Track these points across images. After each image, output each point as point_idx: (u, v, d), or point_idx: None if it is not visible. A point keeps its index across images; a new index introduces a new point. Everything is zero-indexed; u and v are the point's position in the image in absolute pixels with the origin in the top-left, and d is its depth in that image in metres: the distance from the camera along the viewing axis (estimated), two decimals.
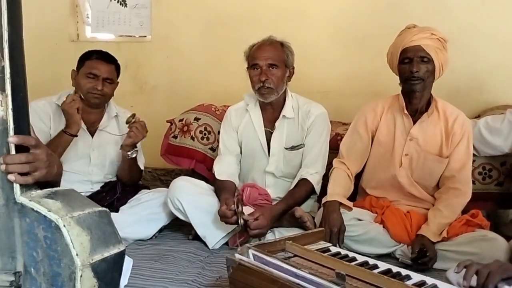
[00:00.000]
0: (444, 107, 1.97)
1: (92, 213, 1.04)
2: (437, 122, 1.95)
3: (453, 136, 1.92)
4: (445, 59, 1.89)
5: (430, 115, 1.93)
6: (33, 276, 1.01)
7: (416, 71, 1.85)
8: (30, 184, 1.03)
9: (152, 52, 3.06)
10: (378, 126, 2.02)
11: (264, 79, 2.01)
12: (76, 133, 2.02)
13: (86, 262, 0.97)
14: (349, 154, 2.06)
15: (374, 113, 2.04)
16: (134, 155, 2.12)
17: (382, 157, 2.02)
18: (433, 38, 1.87)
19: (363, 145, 2.05)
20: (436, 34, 1.88)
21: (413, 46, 1.87)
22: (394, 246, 1.89)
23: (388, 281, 1.15)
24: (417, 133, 1.95)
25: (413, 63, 1.86)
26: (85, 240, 0.98)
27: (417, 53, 1.86)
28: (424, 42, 1.86)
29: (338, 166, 2.04)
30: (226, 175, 2.09)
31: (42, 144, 1.08)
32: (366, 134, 2.04)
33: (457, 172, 1.91)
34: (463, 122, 1.94)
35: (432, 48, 1.86)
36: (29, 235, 1.00)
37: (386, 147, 2.01)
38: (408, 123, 1.97)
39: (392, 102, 2.03)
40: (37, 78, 2.58)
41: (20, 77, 1.00)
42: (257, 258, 1.30)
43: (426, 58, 1.86)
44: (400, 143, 1.97)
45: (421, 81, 1.87)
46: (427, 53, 1.85)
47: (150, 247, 2.00)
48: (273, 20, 2.78)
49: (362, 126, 2.05)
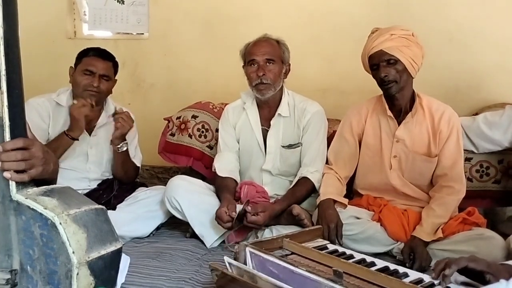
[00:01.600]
0: (429, 103, 1.93)
1: (89, 210, 1.04)
2: (423, 120, 1.92)
3: (440, 133, 1.90)
4: (413, 53, 1.85)
5: (414, 114, 1.91)
6: (29, 274, 1.01)
7: (385, 76, 1.84)
8: (26, 181, 1.02)
9: (149, 49, 3.05)
10: (364, 129, 2.01)
11: (261, 74, 2.01)
12: (77, 137, 2.02)
13: (83, 260, 0.97)
14: (337, 159, 2.06)
15: (359, 116, 2.03)
16: (124, 148, 2.12)
17: (371, 160, 2.01)
18: (393, 39, 1.84)
19: (351, 150, 2.04)
20: (396, 33, 1.85)
21: (375, 52, 1.86)
22: (391, 244, 1.88)
23: (386, 279, 1.15)
24: (403, 134, 1.93)
25: (380, 69, 1.85)
26: (81, 238, 0.98)
27: (381, 58, 1.84)
28: (385, 45, 1.84)
29: (327, 172, 2.05)
30: (226, 171, 2.09)
31: (38, 141, 1.08)
32: (352, 139, 2.04)
33: (449, 169, 1.89)
34: (450, 117, 1.91)
35: (395, 48, 1.83)
36: (25, 233, 1.00)
37: (374, 150, 2.00)
38: (393, 124, 1.95)
39: (376, 104, 2.02)
40: (34, 75, 2.59)
41: (15, 73, 1.00)
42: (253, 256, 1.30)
43: (392, 59, 1.83)
44: (387, 145, 1.96)
45: (394, 83, 1.85)
46: (390, 55, 1.83)
47: (147, 245, 2.00)
48: (270, 18, 2.77)
49: (347, 130, 2.05)
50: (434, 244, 1.80)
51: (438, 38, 2.47)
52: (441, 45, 2.49)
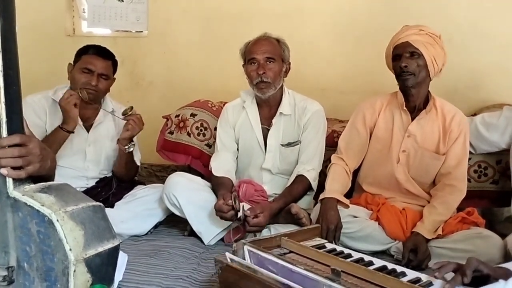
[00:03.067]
0: (442, 105, 1.98)
1: (86, 207, 1.04)
2: (435, 119, 1.96)
3: (450, 134, 1.94)
4: (437, 53, 1.89)
5: (428, 112, 1.94)
6: (26, 271, 1.00)
7: (405, 66, 1.87)
8: (23, 178, 1.02)
9: (148, 47, 3.04)
10: (376, 122, 2.03)
11: (262, 73, 2.01)
12: (72, 130, 2.00)
13: (80, 257, 0.97)
14: (347, 149, 2.06)
15: (372, 110, 2.05)
16: (131, 149, 2.11)
17: (380, 153, 2.02)
18: (421, 34, 1.89)
19: (361, 141, 2.05)
20: (424, 30, 1.90)
21: (401, 43, 1.90)
22: (389, 243, 1.89)
23: (384, 278, 1.15)
24: (415, 129, 1.96)
25: (402, 59, 1.89)
26: (78, 235, 0.98)
27: (405, 49, 1.88)
28: (412, 38, 1.88)
29: (336, 162, 2.04)
30: (223, 171, 2.08)
31: (35, 138, 1.07)
32: (364, 130, 2.05)
33: (453, 169, 1.92)
34: (460, 120, 1.96)
35: (421, 43, 1.87)
36: (22, 230, 1.00)
37: (384, 143, 2.01)
38: (406, 119, 1.98)
39: (391, 99, 2.04)
40: (33, 72, 2.58)
41: (13, 70, 0.99)
42: (252, 254, 1.30)
43: (415, 53, 1.87)
44: (398, 139, 1.98)
45: (412, 76, 1.88)
46: (415, 48, 1.87)
47: (145, 242, 2.00)
48: (270, 17, 2.77)
49: (360, 122, 2.06)
50: (433, 241, 1.81)
51: None
52: None
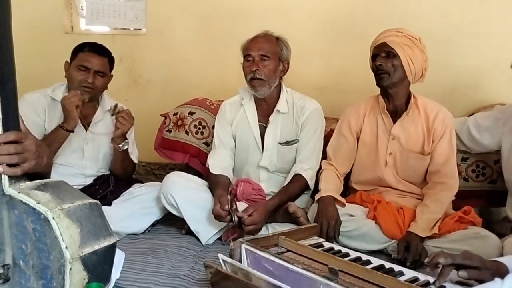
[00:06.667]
0: (425, 104, 2.00)
1: (83, 205, 1.03)
2: (418, 119, 1.98)
3: (434, 132, 1.96)
4: (414, 54, 1.90)
5: (409, 113, 1.96)
6: (22, 269, 1.00)
7: (379, 64, 1.90)
8: (19, 175, 1.01)
9: (147, 45, 3.03)
10: (362, 127, 2.07)
11: (254, 69, 2.01)
12: (72, 129, 2.00)
13: (76, 255, 0.96)
14: (336, 155, 2.10)
15: (357, 115, 2.08)
16: (125, 147, 2.11)
17: (368, 158, 2.05)
18: (399, 35, 1.92)
19: (349, 147, 2.09)
20: (403, 32, 1.93)
21: (379, 43, 1.95)
22: (386, 242, 1.88)
23: (381, 277, 1.15)
24: (398, 132, 1.98)
25: (378, 58, 1.92)
26: (75, 232, 0.97)
27: (382, 49, 1.93)
28: (389, 39, 1.92)
29: (327, 167, 2.08)
30: (220, 169, 2.08)
31: (31, 134, 1.07)
32: (351, 136, 2.09)
33: (442, 166, 1.93)
34: (444, 117, 1.97)
35: (397, 43, 1.90)
36: (18, 228, 0.99)
37: (370, 148, 2.05)
38: (389, 122, 2.01)
39: (374, 103, 2.07)
40: (30, 70, 2.57)
41: (9, 66, 0.99)
42: (249, 253, 1.30)
43: (391, 53, 1.91)
44: (384, 142, 2.01)
45: (387, 75, 1.91)
46: (391, 48, 1.90)
47: (142, 241, 1.99)
48: (268, 15, 2.76)
49: (346, 128, 2.09)
50: (430, 241, 1.81)
51: (436, 38, 2.47)
52: (439, 45, 2.48)
